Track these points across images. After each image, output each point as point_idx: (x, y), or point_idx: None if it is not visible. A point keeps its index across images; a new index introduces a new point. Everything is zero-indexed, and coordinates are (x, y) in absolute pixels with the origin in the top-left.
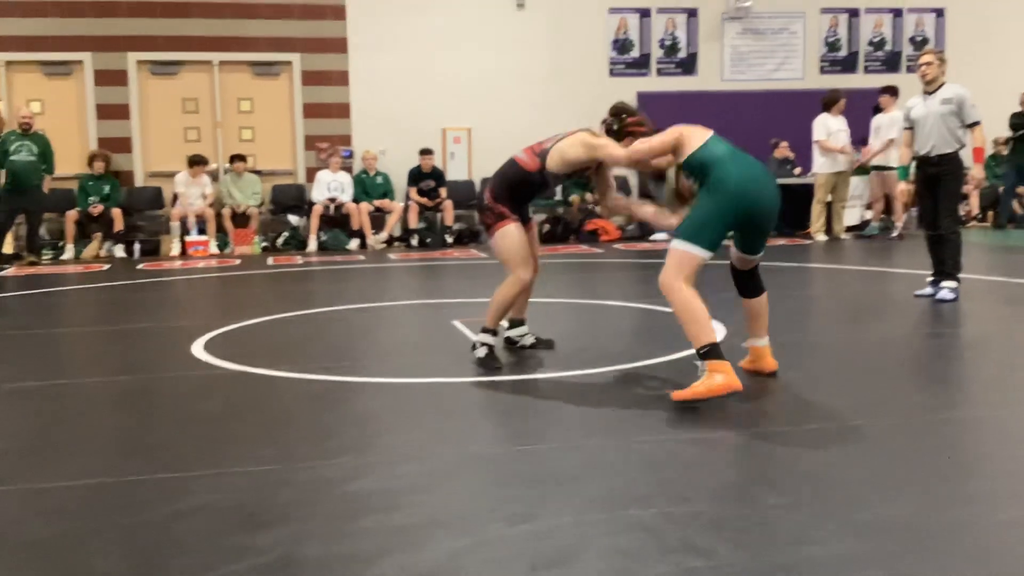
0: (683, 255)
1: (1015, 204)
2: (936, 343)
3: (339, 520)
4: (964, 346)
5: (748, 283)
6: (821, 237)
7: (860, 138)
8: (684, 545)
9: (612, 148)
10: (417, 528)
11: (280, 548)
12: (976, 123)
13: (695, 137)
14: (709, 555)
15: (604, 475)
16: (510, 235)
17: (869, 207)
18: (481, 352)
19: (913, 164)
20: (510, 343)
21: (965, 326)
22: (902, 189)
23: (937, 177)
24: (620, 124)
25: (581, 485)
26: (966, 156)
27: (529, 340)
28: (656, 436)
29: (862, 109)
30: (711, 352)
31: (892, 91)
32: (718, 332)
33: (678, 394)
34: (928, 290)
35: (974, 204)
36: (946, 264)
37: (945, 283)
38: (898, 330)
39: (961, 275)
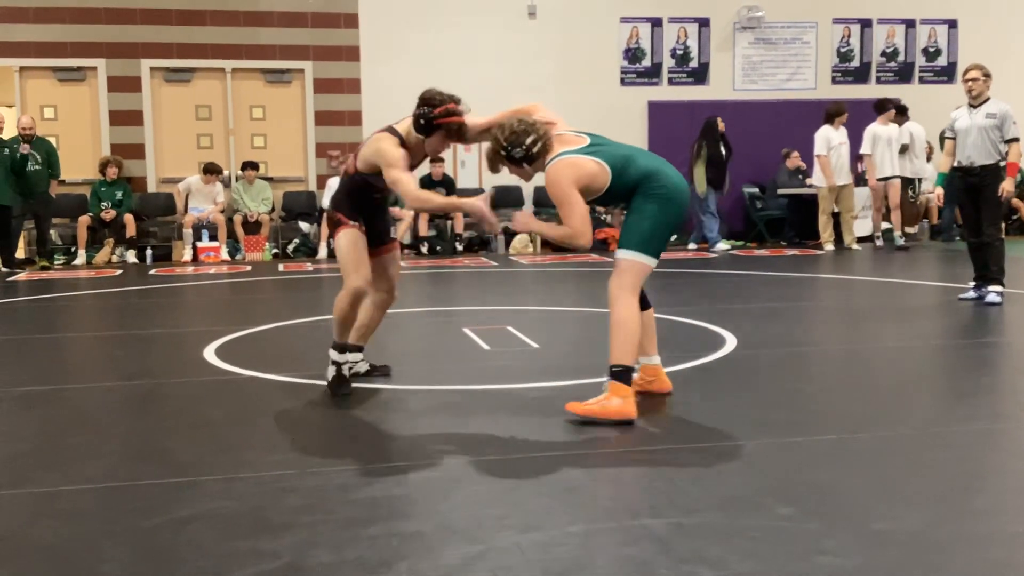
0: (633, 264)
1: None
2: (952, 352)
3: (348, 527)
4: (985, 355)
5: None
6: (830, 247)
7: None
8: (695, 555)
9: (396, 174)
10: (427, 535)
11: (289, 554)
12: (1015, 139)
13: (590, 163)
14: (720, 565)
15: (614, 484)
16: (344, 242)
17: (887, 217)
18: (329, 372)
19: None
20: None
21: (984, 336)
22: (938, 194)
23: (979, 187)
24: (427, 118)
25: (591, 494)
26: None
27: (363, 367)
28: (666, 446)
29: (872, 119)
30: (622, 375)
31: (890, 105)
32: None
33: (572, 406)
34: (972, 294)
35: None
36: (991, 270)
37: (991, 287)
38: (911, 339)
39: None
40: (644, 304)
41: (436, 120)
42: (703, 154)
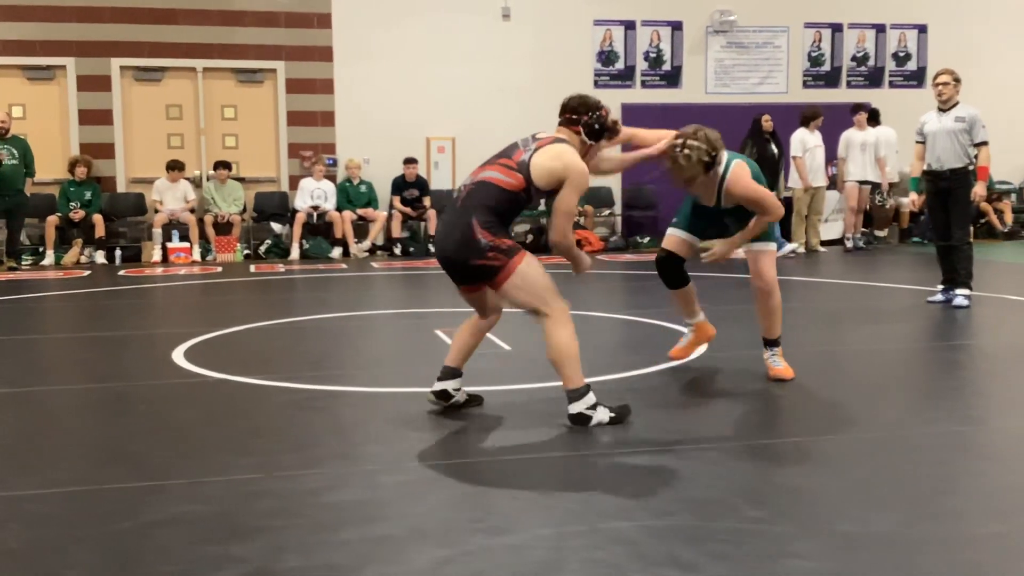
0: (774, 253)
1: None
2: (921, 355)
3: (319, 531)
4: (954, 358)
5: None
6: (800, 250)
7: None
8: (666, 558)
9: (576, 199)
10: (398, 539)
11: (258, 559)
12: (984, 143)
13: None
14: (691, 568)
15: (586, 488)
16: (532, 268)
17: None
18: (603, 416)
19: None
20: (444, 397)
21: (955, 338)
22: (912, 200)
23: (948, 190)
24: (601, 121)
25: (563, 497)
26: None
27: (462, 398)
28: (638, 448)
29: (847, 123)
30: (778, 341)
31: (866, 110)
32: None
33: (778, 372)
34: (940, 297)
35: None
36: (959, 273)
37: (959, 291)
38: (884, 342)
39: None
40: (685, 279)
41: (608, 123)
42: (752, 154)
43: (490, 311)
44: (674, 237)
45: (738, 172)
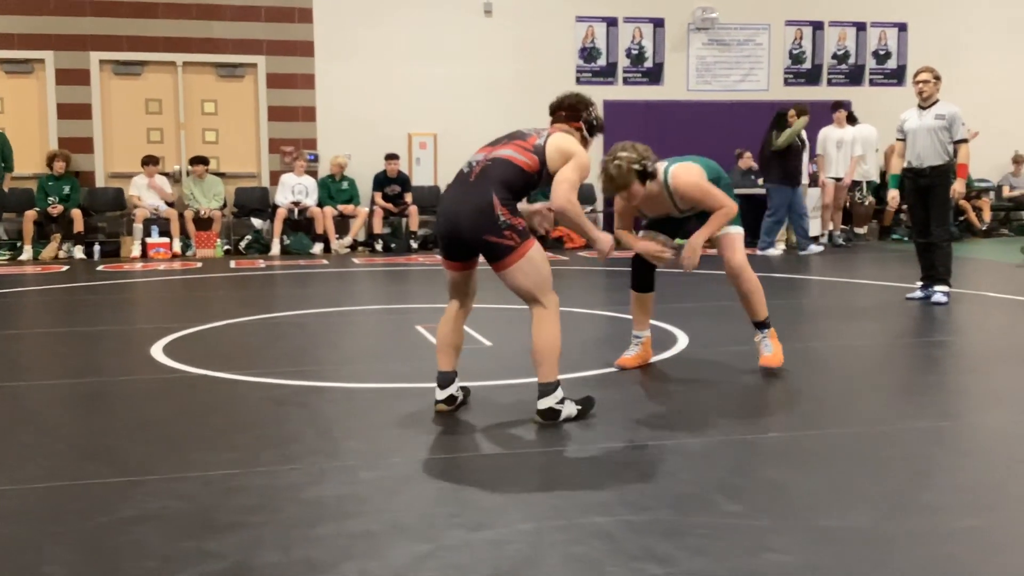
0: (740, 237)
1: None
2: (899, 351)
3: (297, 526)
4: (932, 354)
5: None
6: (782, 246)
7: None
8: (645, 553)
9: (576, 176)
10: (377, 534)
11: (236, 554)
12: (963, 140)
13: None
14: (669, 562)
15: (565, 482)
16: (539, 256)
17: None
18: (571, 410)
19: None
20: (451, 403)
21: (933, 334)
22: (893, 197)
23: (928, 188)
24: (598, 118)
25: (542, 492)
26: None
27: (461, 395)
28: (616, 444)
29: (827, 121)
30: (767, 323)
31: (846, 108)
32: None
33: (768, 360)
34: (919, 293)
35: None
36: (937, 270)
37: (938, 287)
38: (863, 338)
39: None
40: (652, 286)
41: (599, 123)
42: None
43: (467, 297)
44: (649, 236)
45: (679, 172)
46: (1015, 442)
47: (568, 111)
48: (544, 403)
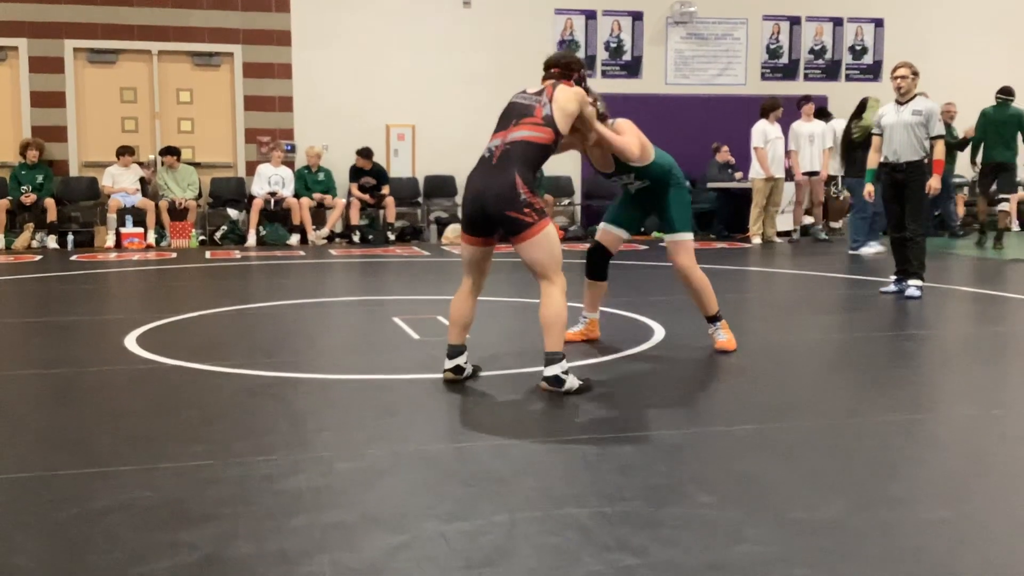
0: (688, 242)
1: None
2: (872, 344)
3: (271, 518)
4: (905, 348)
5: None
6: (757, 240)
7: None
8: (618, 544)
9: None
10: (351, 526)
11: (209, 545)
12: (939, 136)
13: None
14: (642, 553)
15: (540, 474)
16: (554, 234)
17: (809, 212)
18: (573, 383)
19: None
20: (458, 372)
21: (906, 328)
22: (868, 192)
23: (904, 183)
24: (585, 83)
25: (517, 483)
26: None
27: (471, 369)
28: (591, 435)
29: (797, 116)
30: (718, 317)
31: (813, 101)
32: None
33: (723, 344)
34: (892, 287)
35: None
36: (911, 264)
37: (911, 281)
38: (836, 332)
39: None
40: (604, 275)
41: (586, 86)
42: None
43: (481, 275)
44: (605, 231)
45: (623, 120)
46: (985, 435)
47: (562, 69)
48: (551, 370)
